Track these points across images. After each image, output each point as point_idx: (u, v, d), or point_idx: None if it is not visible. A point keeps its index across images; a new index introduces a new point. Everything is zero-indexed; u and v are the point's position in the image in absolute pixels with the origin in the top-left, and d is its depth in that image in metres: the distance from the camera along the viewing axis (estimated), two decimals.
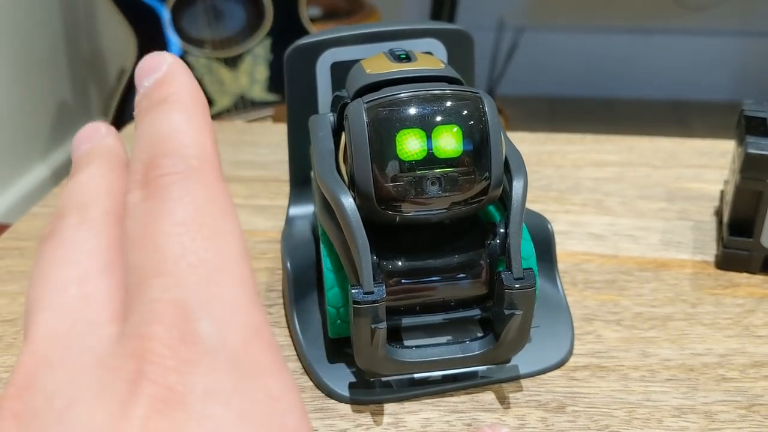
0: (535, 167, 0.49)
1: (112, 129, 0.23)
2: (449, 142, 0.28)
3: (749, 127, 0.38)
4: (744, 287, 0.38)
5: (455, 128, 0.28)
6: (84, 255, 0.20)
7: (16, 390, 0.18)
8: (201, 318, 0.18)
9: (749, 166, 0.37)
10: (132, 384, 0.18)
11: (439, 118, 0.28)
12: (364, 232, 0.28)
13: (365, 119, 0.28)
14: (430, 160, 0.28)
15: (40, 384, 0.18)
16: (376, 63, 0.32)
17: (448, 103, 0.28)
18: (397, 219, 0.29)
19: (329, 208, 0.30)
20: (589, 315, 0.36)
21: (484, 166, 0.28)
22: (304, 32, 1.38)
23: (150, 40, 1.36)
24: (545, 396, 0.31)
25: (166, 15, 1.35)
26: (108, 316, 0.19)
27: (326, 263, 0.31)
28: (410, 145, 0.28)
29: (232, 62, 1.38)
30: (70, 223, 0.20)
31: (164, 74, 0.21)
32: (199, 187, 0.19)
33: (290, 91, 0.37)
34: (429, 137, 0.28)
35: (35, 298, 0.19)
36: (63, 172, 1.52)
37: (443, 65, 0.32)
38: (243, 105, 1.38)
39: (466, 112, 0.28)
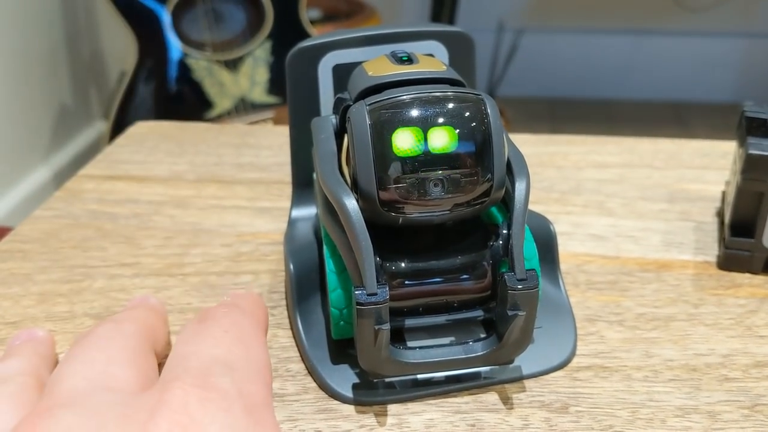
0: (537, 168, 0.50)
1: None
2: (450, 143, 0.28)
3: (750, 128, 0.38)
4: (746, 288, 0.38)
5: (457, 130, 0.28)
6: None
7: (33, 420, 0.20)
8: (222, 374, 0.22)
9: (750, 167, 0.37)
10: (153, 412, 0.20)
11: (440, 120, 0.28)
12: (367, 234, 0.28)
13: (368, 121, 0.28)
14: (432, 161, 0.28)
15: (60, 417, 0.20)
16: (378, 65, 0.32)
17: (451, 105, 0.28)
18: (400, 220, 0.29)
19: (332, 210, 0.30)
20: (591, 316, 0.36)
21: (486, 167, 0.28)
22: (304, 34, 1.38)
23: (150, 42, 1.36)
24: (548, 396, 0.31)
25: (166, 18, 1.36)
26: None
27: (329, 265, 0.31)
28: (403, 141, 0.28)
29: (232, 65, 1.38)
30: None
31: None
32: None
33: (292, 93, 0.37)
34: (426, 136, 0.28)
35: None
36: (64, 174, 1.53)
37: (445, 67, 0.32)
38: (243, 107, 1.39)
39: (468, 113, 0.28)
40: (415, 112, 0.28)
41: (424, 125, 0.28)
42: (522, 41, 1.93)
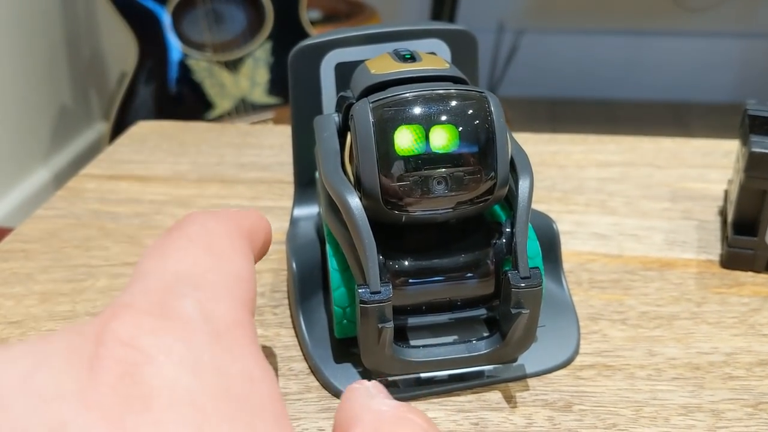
0: (539, 167, 0.50)
1: None
2: (454, 141, 0.28)
3: (753, 126, 0.38)
4: (749, 286, 0.38)
5: (460, 127, 0.28)
6: None
7: None
8: (183, 295, 0.18)
9: (754, 165, 0.37)
10: (97, 344, 0.16)
11: (444, 118, 0.28)
12: (371, 232, 0.28)
13: (371, 119, 0.28)
14: (435, 159, 0.28)
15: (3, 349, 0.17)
16: (380, 63, 0.32)
17: (454, 103, 0.28)
18: (404, 218, 0.29)
19: (335, 209, 0.30)
20: (594, 314, 0.36)
21: (490, 165, 0.28)
22: (305, 35, 1.38)
23: (151, 43, 1.36)
24: (552, 395, 0.31)
25: (166, 19, 1.36)
26: None
27: (332, 263, 0.31)
28: (404, 139, 0.28)
29: (232, 65, 1.38)
30: None
31: None
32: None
33: (295, 91, 0.37)
34: (427, 134, 0.28)
35: None
36: (64, 175, 1.53)
37: (448, 65, 0.32)
38: (244, 108, 1.39)
39: (471, 111, 0.28)
40: (418, 110, 0.28)
41: (426, 123, 0.28)
42: (522, 41, 1.93)
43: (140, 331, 0.17)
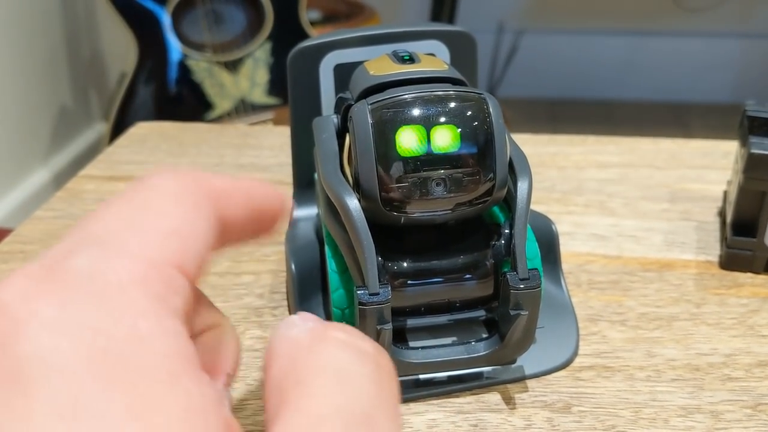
0: (538, 168, 0.50)
1: None
2: (453, 142, 0.28)
3: (752, 127, 0.38)
4: (748, 287, 0.38)
5: (459, 129, 0.28)
6: None
7: None
8: (81, 254, 0.17)
9: (753, 167, 0.37)
10: None
11: (442, 119, 0.28)
12: (369, 234, 0.28)
13: (369, 120, 0.28)
14: (434, 160, 0.28)
15: None
16: (379, 64, 0.32)
17: (453, 104, 0.28)
18: (402, 220, 0.29)
19: (334, 210, 0.30)
20: (593, 315, 0.36)
21: (488, 167, 0.28)
22: (304, 36, 1.38)
23: (150, 44, 1.36)
24: (551, 396, 0.31)
25: (166, 19, 1.36)
26: None
27: (331, 265, 0.31)
28: (407, 140, 0.28)
29: (232, 66, 1.38)
30: None
31: None
32: None
33: (294, 93, 0.37)
34: (428, 136, 0.28)
35: None
36: (64, 176, 1.53)
37: (447, 66, 0.32)
38: (243, 108, 1.39)
39: (470, 112, 0.28)
40: (417, 112, 0.28)
41: (427, 124, 0.28)
42: (522, 42, 1.93)
43: (14, 297, 0.16)
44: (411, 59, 0.32)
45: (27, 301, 0.15)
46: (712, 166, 0.50)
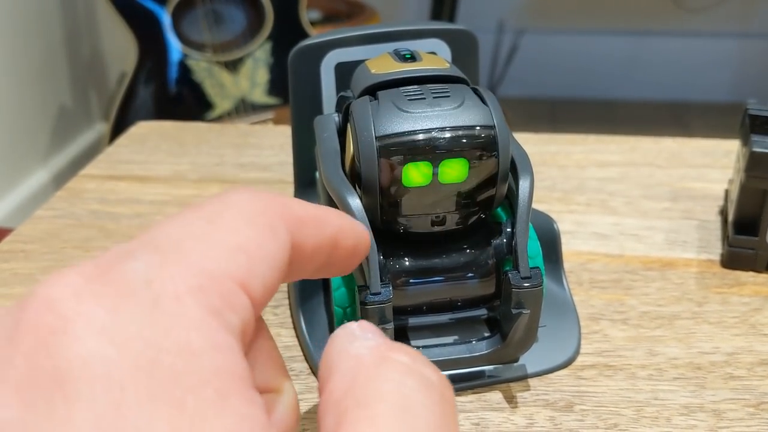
0: (539, 167, 0.49)
1: None
2: (457, 174, 0.28)
3: (754, 125, 0.38)
4: (750, 286, 0.38)
5: (465, 162, 0.28)
6: None
7: None
8: (139, 259, 0.16)
9: (754, 165, 0.37)
10: (22, 309, 0.15)
11: (450, 154, 0.28)
12: (371, 233, 0.28)
13: (376, 152, 0.28)
14: (437, 189, 0.28)
15: None
16: (381, 63, 0.32)
17: (461, 134, 0.28)
18: (401, 230, 0.29)
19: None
20: (595, 314, 0.36)
21: (491, 186, 0.29)
22: (305, 35, 1.38)
23: (151, 44, 1.36)
24: (553, 395, 0.31)
25: (166, 19, 1.35)
26: None
27: None
28: (413, 176, 0.28)
29: (232, 66, 1.38)
30: None
31: None
32: None
33: (295, 92, 0.37)
34: (436, 169, 0.28)
35: None
36: (64, 176, 1.53)
37: (448, 65, 0.31)
38: (244, 108, 1.39)
39: (478, 141, 0.28)
40: (423, 145, 0.28)
41: (434, 159, 0.28)
42: (522, 41, 1.93)
43: (65, 294, 0.15)
44: (413, 58, 0.31)
45: (77, 300, 0.15)
46: (713, 164, 0.50)
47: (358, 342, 0.18)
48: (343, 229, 0.21)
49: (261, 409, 0.15)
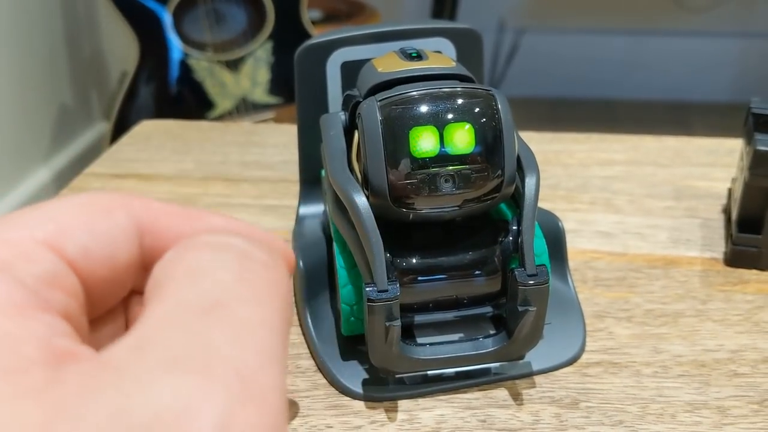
0: (543, 166, 0.49)
1: None
2: (462, 139, 0.28)
3: (758, 124, 0.38)
4: (753, 284, 0.38)
5: (468, 126, 0.28)
6: None
7: None
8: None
9: (758, 164, 0.37)
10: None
11: (451, 116, 0.28)
12: (378, 231, 0.28)
13: (379, 117, 0.28)
14: (443, 157, 0.28)
15: None
16: (387, 62, 0.32)
17: (462, 101, 0.28)
18: (411, 216, 0.29)
19: (342, 207, 0.30)
20: (600, 312, 0.36)
21: (497, 163, 0.28)
22: (306, 35, 1.38)
23: (152, 43, 1.36)
24: (558, 392, 0.31)
25: (167, 18, 1.36)
26: None
27: (339, 261, 0.31)
28: (423, 142, 0.28)
29: (233, 65, 1.38)
30: None
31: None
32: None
33: (300, 90, 0.37)
34: (441, 135, 0.28)
35: None
36: (65, 175, 1.53)
37: (454, 63, 0.32)
38: (244, 108, 1.39)
39: (479, 109, 0.28)
40: (427, 110, 0.28)
41: (438, 123, 0.28)
42: (522, 41, 1.93)
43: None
44: (419, 56, 0.32)
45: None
46: (716, 163, 0.50)
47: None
48: (231, 229, 0.19)
49: (39, 321, 0.15)
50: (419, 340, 0.31)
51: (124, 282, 0.18)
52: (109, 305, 0.19)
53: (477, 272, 0.30)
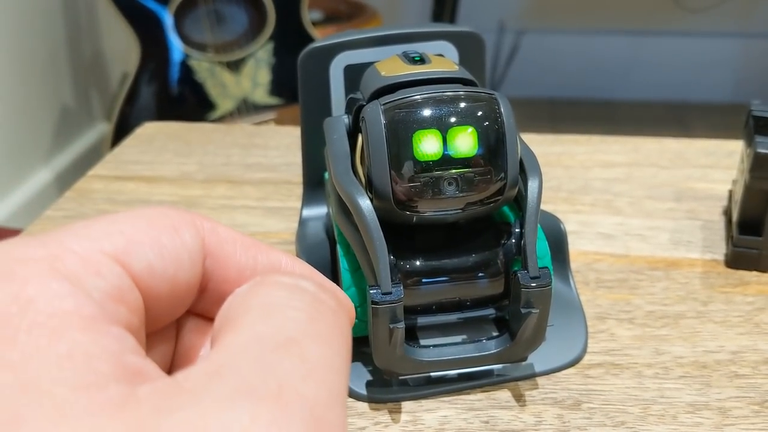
0: (544, 168, 0.49)
1: None
2: (465, 142, 0.28)
3: (758, 127, 0.38)
4: (754, 285, 0.38)
5: (471, 129, 0.28)
6: None
7: None
8: (17, 244, 0.16)
9: (759, 166, 0.37)
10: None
11: (454, 120, 0.28)
12: (381, 233, 0.28)
13: (382, 121, 0.28)
14: (447, 160, 0.28)
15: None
16: (390, 65, 0.32)
17: (464, 105, 0.29)
18: (414, 219, 0.29)
19: (346, 210, 0.30)
20: (601, 314, 0.36)
21: (500, 166, 0.29)
22: (306, 36, 1.39)
23: (153, 44, 1.36)
24: (561, 393, 0.31)
25: (168, 19, 1.36)
26: None
27: (343, 263, 0.31)
28: (426, 145, 0.28)
29: (234, 66, 1.38)
30: None
31: None
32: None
33: (304, 93, 0.37)
34: (445, 138, 0.28)
35: None
36: (66, 176, 1.53)
37: (457, 67, 0.32)
38: (245, 109, 1.39)
39: (481, 113, 0.29)
40: (430, 113, 0.28)
41: (441, 126, 0.28)
42: (523, 42, 1.93)
43: None
44: (422, 60, 0.32)
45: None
46: (716, 165, 0.50)
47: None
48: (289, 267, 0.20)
49: (113, 336, 0.15)
50: (422, 342, 0.32)
51: (183, 301, 0.19)
52: (165, 323, 0.19)
53: (480, 274, 0.30)
